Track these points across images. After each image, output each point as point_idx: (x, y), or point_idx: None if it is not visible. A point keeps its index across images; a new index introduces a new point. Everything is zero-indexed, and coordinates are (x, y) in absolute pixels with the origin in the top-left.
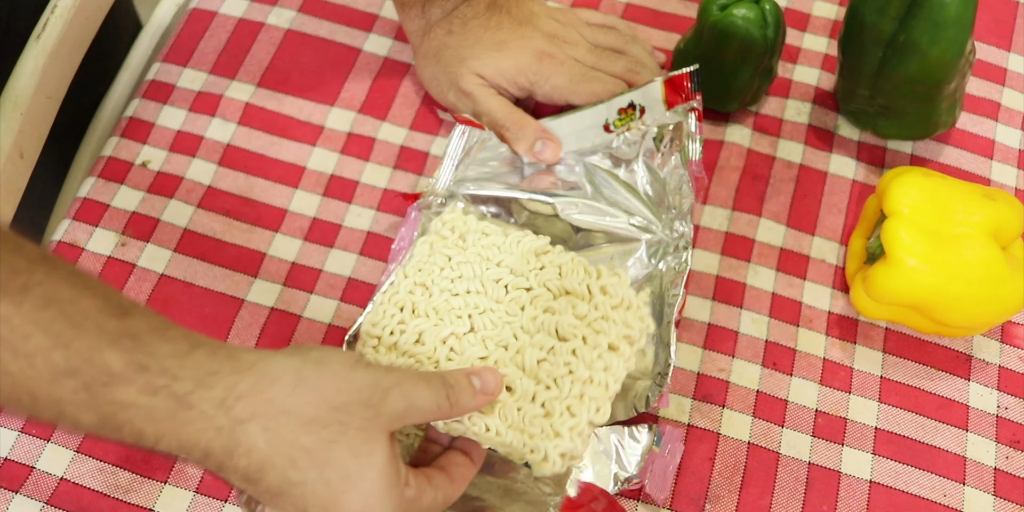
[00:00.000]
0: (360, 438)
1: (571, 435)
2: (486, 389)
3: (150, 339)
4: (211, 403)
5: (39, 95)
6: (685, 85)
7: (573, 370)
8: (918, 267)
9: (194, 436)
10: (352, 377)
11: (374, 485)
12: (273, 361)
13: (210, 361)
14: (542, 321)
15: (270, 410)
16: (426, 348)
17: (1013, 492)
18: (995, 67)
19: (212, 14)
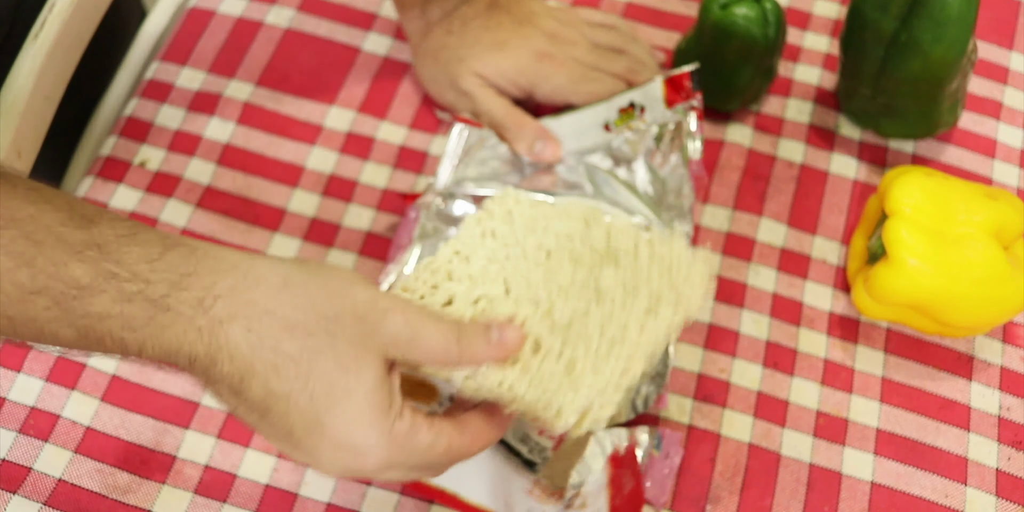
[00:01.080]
0: (349, 353)
1: (590, 392)
2: (502, 340)
3: (117, 246)
4: (188, 304)
5: (37, 95)
6: (685, 84)
7: (605, 330)
8: (920, 267)
9: (176, 340)
10: (349, 291)
11: (360, 406)
12: (260, 262)
13: (185, 262)
14: (581, 280)
15: (252, 310)
16: (455, 309)
17: (1015, 493)
18: (997, 66)
19: (211, 13)
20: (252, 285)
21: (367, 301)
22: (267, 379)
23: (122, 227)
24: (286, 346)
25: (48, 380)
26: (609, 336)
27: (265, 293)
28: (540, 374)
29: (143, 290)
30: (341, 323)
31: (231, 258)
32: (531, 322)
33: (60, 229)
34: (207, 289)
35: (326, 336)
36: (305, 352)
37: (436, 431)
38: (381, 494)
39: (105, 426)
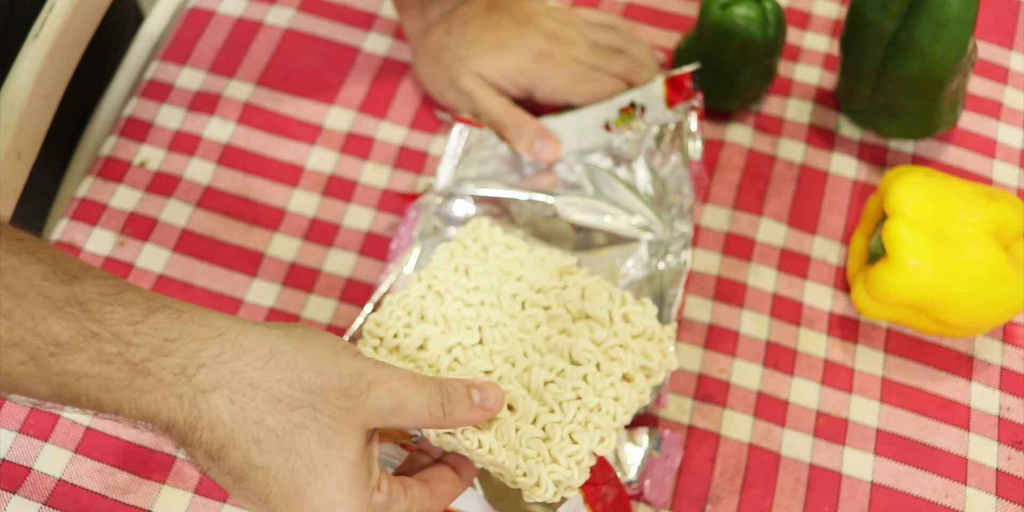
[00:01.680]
0: (333, 428)
1: (569, 462)
2: (485, 404)
3: (100, 305)
4: (170, 370)
5: (36, 95)
6: (686, 84)
7: (581, 396)
8: (920, 267)
9: (154, 405)
10: (335, 361)
11: (341, 481)
12: (247, 330)
13: (170, 327)
14: (556, 342)
15: (236, 382)
16: (429, 355)
17: (1015, 493)
18: (997, 66)
19: (211, 13)
20: (238, 355)
21: (352, 374)
22: (248, 451)
23: (107, 285)
24: (269, 420)
25: None
26: (586, 402)
27: (251, 364)
28: (519, 439)
29: (123, 352)
30: (325, 397)
31: (218, 324)
32: (507, 381)
33: (42, 283)
34: (191, 357)
35: (310, 410)
36: (288, 426)
37: (410, 497)
38: None
39: (105, 426)
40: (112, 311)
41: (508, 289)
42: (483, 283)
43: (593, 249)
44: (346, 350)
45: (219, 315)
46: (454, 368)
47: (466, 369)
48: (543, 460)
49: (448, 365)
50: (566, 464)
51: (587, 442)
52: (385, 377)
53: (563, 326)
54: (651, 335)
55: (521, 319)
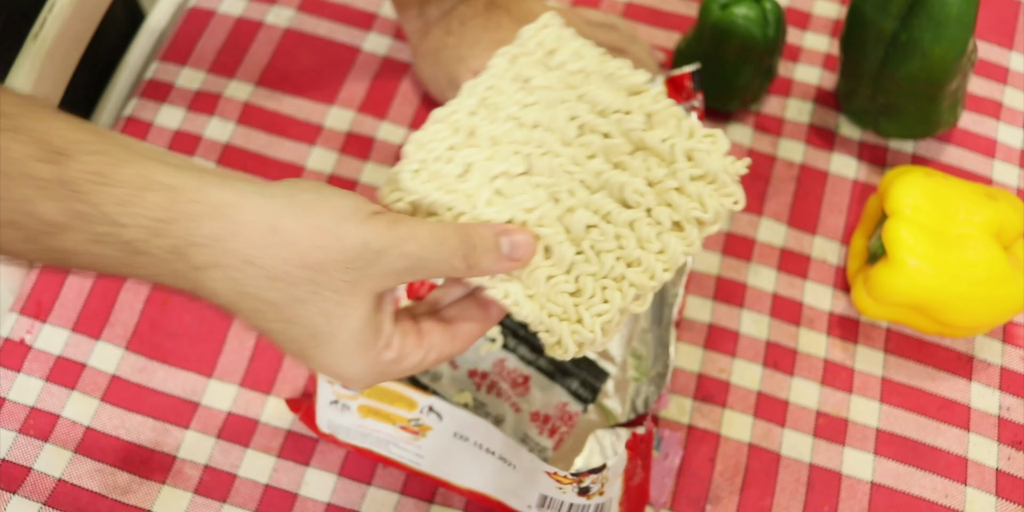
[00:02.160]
0: (333, 300)
1: (595, 323)
2: (514, 254)
3: (89, 185)
4: (164, 249)
5: (36, 94)
6: (686, 84)
7: (623, 246)
8: (920, 267)
9: (154, 277)
10: (340, 232)
11: (346, 345)
12: (246, 203)
13: (162, 206)
14: (608, 178)
15: (232, 259)
16: (469, 185)
17: (1015, 493)
18: (997, 66)
19: (211, 13)
20: (234, 232)
21: (357, 245)
22: (250, 317)
23: (99, 162)
24: (267, 294)
25: (48, 380)
26: (627, 254)
27: (247, 241)
28: (548, 291)
29: (115, 232)
30: (326, 272)
31: (214, 199)
32: (547, 221)
33: (29, 163)
34: (183, 237)
35: (310, 285)
36: (287, 300)
37: (426, 347)
38: (381, 494)
39: (105, 426)
40: (101, 191)
41: (567, 110)
42: (542, 98)
43: None
44: (355, 215)
45: (218, 186)
46: (493, 202)
47: (506, 204)
48: (568, 318)
49: (488, 199)
50: (590, 325)
51: (618, 300)
52: (398, 241)
53: (620, 158)
54: (713, 178)
55: (575, 147)
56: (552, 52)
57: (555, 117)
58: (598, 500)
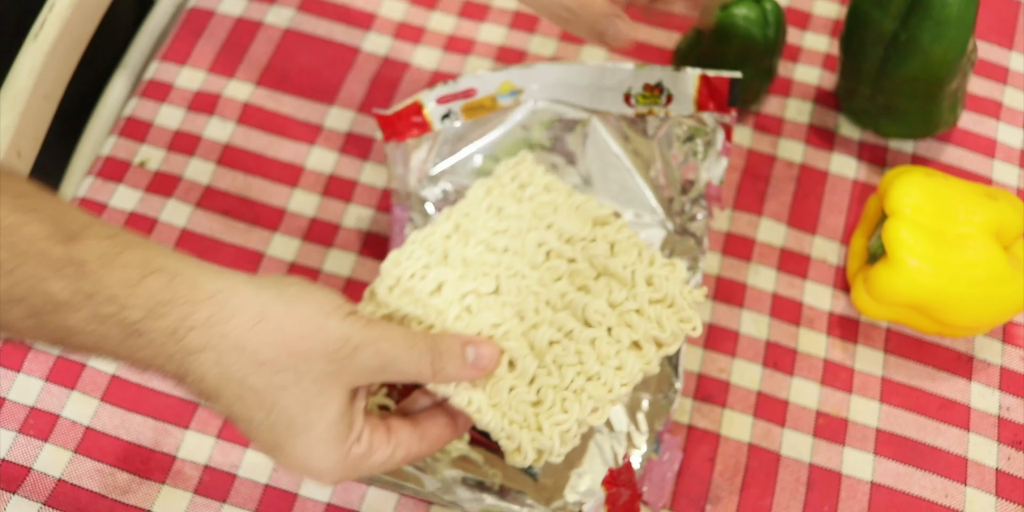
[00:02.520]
0: (314, 390)
1: (553, 432)
2: (478, 363)
3: (97, 266)
4: (162, 332)
5: (36, 94)
6: (722, 90)
7: (583, 361)
8: (920, 267)
9: (146, 361)
10: (323, 325)
11: (320, 438)
12: (239, 292)
13: (164, 289)
14: (571, 299)
15: (223, 344)
16: (440, 301)
17: (1015, 493)
18: (997, 66)
19: (210, 13)
20: (227, 318)
21: (340, 338)
22: (231, 405)
23: (107, 245)
24: (252, 380)
25: (48, 380)
26: (586, 369)
27: (238, 326)
28: (510, 401)
29: (118, 313)
30: (310, 361)
31: (211, 286)
32: (512, 336)
33: (43, 243)
34: (181, 319)
35: (293, 374)
36: (270, 387)
37: (394, 444)
38: (381, 494)
39: (105, 426)
40: (109, 273)
41: (535, 237)
42: (512, 226)
43: None
44: (337, 311)
45: (213, 275)
46: (462, 317)
47: (474, 320)
48: (528, 426)
49: (457, 314)
50: (549, 434)
51: (577, 411)
52: (373, 339)
53: (583, 282)
54: (671, 302)
55: (542, 271)
56: (524, 185)
57: (524, 243)
58: None
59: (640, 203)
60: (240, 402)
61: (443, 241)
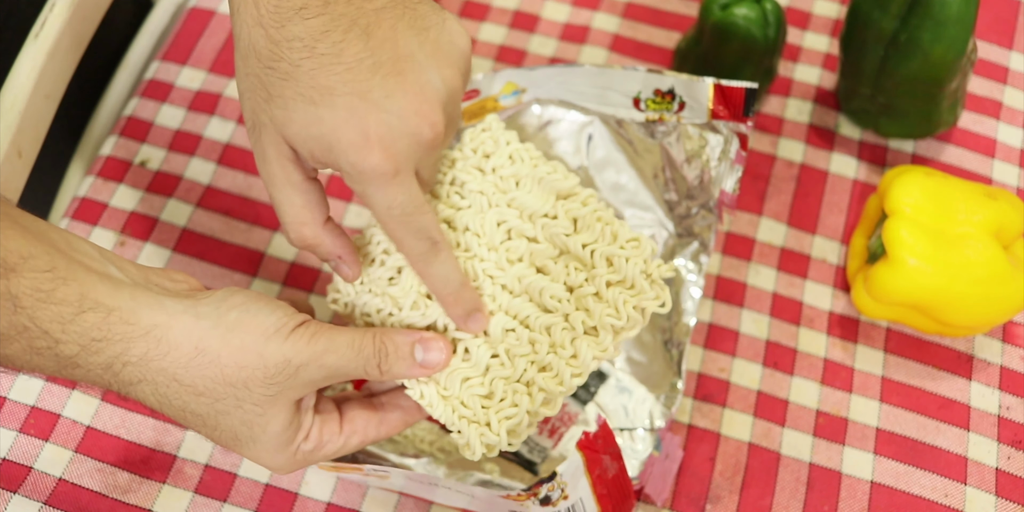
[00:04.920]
0: (255, 412)
1: (501, 427)
2: (427, 362)
3: (32, 301)
4: (97, 366)
5: (37, 94)
6: (736, 99)
7: (537, 351)
8: (920, 267)
9: (88, 382)
10: (263, 351)
11: (265, 446)
12: (175, 325)
13: (98, 327)
14: (528, 283)
15: (161, 377)
16: (398, 289)
17: (1015, 492)
18: (997, 66)
19: (211, 13)
20: (163, 353)
21: (279, 362)
22: (176, 420)
23: (43, 280)
24: (192, 407)
25: (48, 379)
26: (538, 359)
27: (175, 362)
28: (460, 396)
29: (52, 347)
30: (249, 388)
31: (145, 322)
32: None
33: None
34: (116, 356)
35: (233, 400)
36: (211, 412)
37: (347, 433)
38: (381, 494)
39: (105, 425)
40: (44, 308)
41: (495, 215)
42: (475, 202)
43: None
44: (277, 334)
45: (150, 307)
46: (418, 306)
47: (428, 310)
48: (477, 421)
49: (413, 302)
50: (496, 429)
51: (526, 404)
52: (317, 355)
53: (543, 262)
54: (631, 283)
55: (500, 252)
56: (488, 156)
57: (484, 222)
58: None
59: (641, 204)
60: (184, 421)
61: None
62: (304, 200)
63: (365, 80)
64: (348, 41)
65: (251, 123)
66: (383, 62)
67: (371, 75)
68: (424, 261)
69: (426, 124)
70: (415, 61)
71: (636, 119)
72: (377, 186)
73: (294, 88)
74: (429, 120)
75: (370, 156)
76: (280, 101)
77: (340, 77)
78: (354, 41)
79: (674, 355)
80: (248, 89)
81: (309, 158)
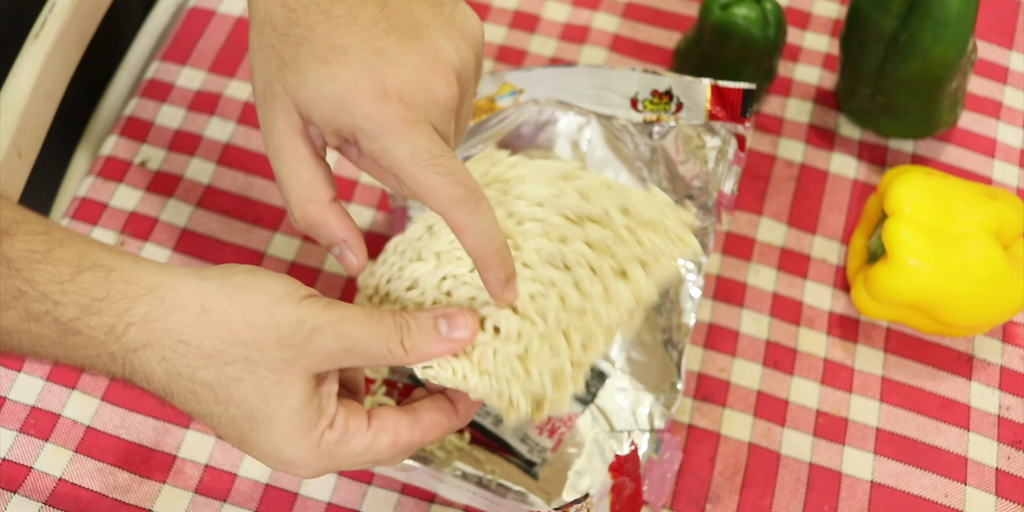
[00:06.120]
0: (271, 379)
1: (541, 377)
2: (453, 334)
3: (28, 263)
4: (99, 329)
5: (37, 94)
6: (734, 100)
7: (567, 303)
8: (920, 267)
9: (88, 361)
10: (274, 311)
11: (284, 427)
12: (180, 285)
13: (98, 286)
14: (549, 253)
15: (166, 339)
16: (417, 292)
17: (1015, 492)
18: (997, 66)
19: (211, 13)
20: (168, 312)
21: (291, 323)
22: (186, 402)
23: (38, 242)
24: (202, 374)
25: (48, 379)
26: (570, 306)
27: (181, 320)
28: (495, 360)
29: (51, 311)
30: (261, 350)
31: (149, 281)
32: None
33: None
34: (119, 316)
35: (245, 363)
36: (223, 379)
37: (376, 429)
38: (381, 494)
39: (105, 425)
40: (40, 269)
41: (504, 209)
42: None
43: None
44: (289, 297)
45: (152, 269)
46: (439, 300)
47: (452, 301)
48: (516, 376)
49: (434, 299)
50: (538, 378)
51: (565, 351)
52: (332, 321)
53: (560, 234)
54: (653, 223)
55: (515, 237)
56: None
57: None
58: None
59: None
60: (194, 398)
61: (414, 244)
62: (311, 176)
63: (380, 39)
64: (364, 5)
65: (262, 95)
66: (398, 25)
67: (386, 35)
68: (464, 210)
69: (442, 81)
70: (430, 28)
71: (634, 120)
72: (397, 136)
73: (308, 50)
74: (445, 78)
75: (387, 105)
76: (294, 65)
77: (356, 36)
78: (370, 6)
79: (674, 355)
80: (261, 61)
81: (321, 122)
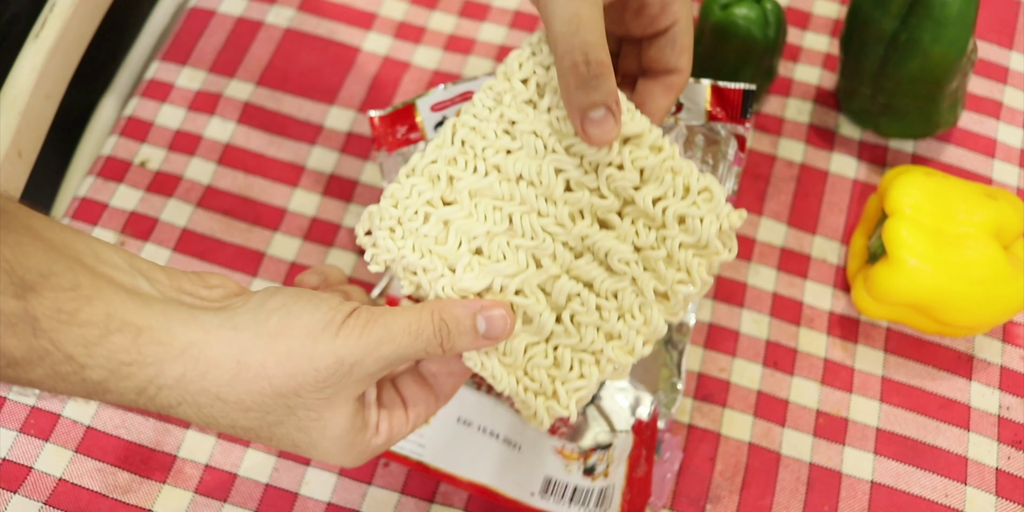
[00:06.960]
0: (310, 417)
1: (569, 400)
2: (490, 333)
3: (53, 323)
4: (130, 391)
5: (37, 94)
6: (734, 100)
7: (605, 318)
8: (920, 267)
9: (124, 406)
10: (311, 355)
11: (328, 450)
12: (213, 340)
13: (127, 349)
14: (594, 241)
15: (203, 398)
16: (447, 248)
17: (1015, 492)
18: (997, 66)
19: (211, 13)
20: (203, 373)
21: (330, 365)
22: (227, 432)
23: (65, 299)
24: (242, 422)
25: None
26: (607, 328)
27: (216, 380)
28: (526, 362)
29: (79, 372)
30: (300, 396)
31: (181, 340)
32: (529, 289)
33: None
34: (150, 380)
35: (284, 410)
36: (263, 424)
37: (414, 418)
38: (382, 494)
39: (106, 425)
40: (66, 331)
41: (552, 162)
42: (528, 144)
43: None
44: (325, 331)
45: (184, 324)
46: (472, 267)
47: (485, 270)
48: (543, 392)
49: (466, 264)
50: (566, 402)
51: (596, 376)
52: (371, 348)
53: (606, 215)
54: (706, 245)
55: (560, 206)
56: (541, 88)
57: (540, 170)
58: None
59: None
60: (235, 433)
61: (448, 167)
62: None
63: None
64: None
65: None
66: None
67: None
68: None
69: None
70: None
71: None
72: None
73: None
74: None
75: None
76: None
77: None
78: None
79: (674, 355)
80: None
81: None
